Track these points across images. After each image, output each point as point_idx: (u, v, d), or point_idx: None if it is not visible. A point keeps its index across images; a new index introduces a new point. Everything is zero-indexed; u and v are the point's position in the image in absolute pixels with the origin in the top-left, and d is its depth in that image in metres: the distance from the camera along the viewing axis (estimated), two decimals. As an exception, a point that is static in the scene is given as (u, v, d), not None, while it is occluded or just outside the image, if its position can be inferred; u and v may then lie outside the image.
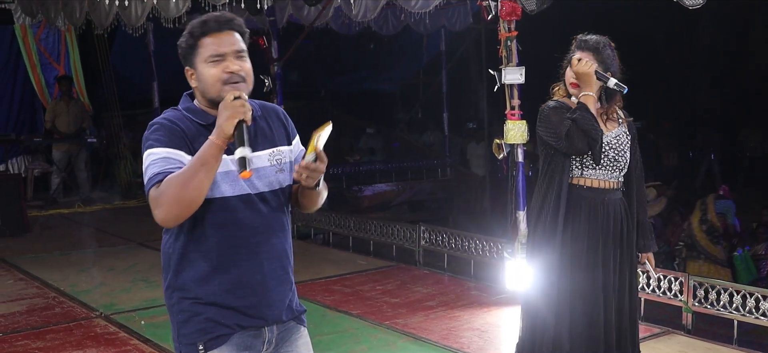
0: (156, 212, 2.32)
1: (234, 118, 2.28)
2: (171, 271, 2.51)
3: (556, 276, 3.76)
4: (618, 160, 3.77)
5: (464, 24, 12.10)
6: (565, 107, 3.78)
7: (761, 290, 5.45)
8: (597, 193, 3.75)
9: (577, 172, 3.75)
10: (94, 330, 5.82)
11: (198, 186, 2.29)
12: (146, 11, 7.92)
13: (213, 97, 2.43)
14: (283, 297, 2.56)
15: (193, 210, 2.33)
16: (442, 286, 6.93)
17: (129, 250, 8.60)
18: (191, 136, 2.42)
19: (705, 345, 5.35)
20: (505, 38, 6.38)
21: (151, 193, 2.33)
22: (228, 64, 2.41)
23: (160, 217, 2.32)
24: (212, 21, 2.43)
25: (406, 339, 5.52)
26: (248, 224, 2.45)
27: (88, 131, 12.00)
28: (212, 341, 2.45)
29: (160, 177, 2.32)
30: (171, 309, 2.54)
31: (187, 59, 2.47)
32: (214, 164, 2.32)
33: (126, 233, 9.50)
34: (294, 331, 2.60)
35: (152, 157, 2.37)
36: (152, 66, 11.52)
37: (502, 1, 6.30)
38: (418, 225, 7.86)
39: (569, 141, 3.66)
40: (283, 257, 2.56)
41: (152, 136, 2.41)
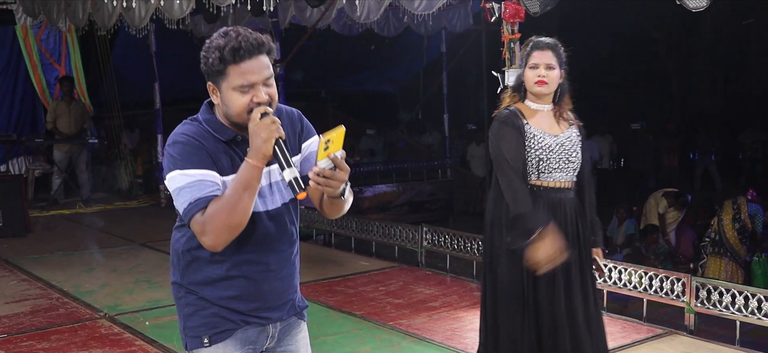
0: (204, 239, 2.34)
1: (271, 139, 2.29)
2: (180, 270, 2.56)
3: (519, 277, 3.76)
4: (571, 160, 3.81)
5: (465, 25, 12.14)
6: (515, 117, 3.78)
7: (764, 291, 5.47)
8: (554, 193, 3.79)
9: (534, 176, 3.78)
10: (98, 330, 5.83)
11: (244, 210, 2.32)
12: (150, 12, 7.95)
13: (236, 122, 2.42)
14: (287, 301, 2.62)
15: (239, 232, 2.36)
16: (444, 287, 6.95)
17: (131, 251, 8.61)
18: (214, 153, 2.41)
19: (707, 345, 5.37)
20: (508, 40, 6.42)
21: (195, 219, 2.33)
22: (257, 94, 2.36)
23: (209, 244, 2.35)
24: (244, 50, 2.33)
25: (411, 340, 5.54)
26: (260, 237, 2.48)
27: (89, 132, 12.00)
28: (217, 335, 2.51)
29: (202, 203, 2.33)
30: (178, 302, 2.60)
31: (211, 77, 2.41)
32: (257, 185, 2.35)
33: (128, 234, 9.52)
34: (294, 326, 2.67)
35: (186, 179, 2.35)
36: (154, 66, 11.55)
37: (506, 3, 6.34)
38: (420, 227, 7.88)
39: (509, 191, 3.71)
40: (291, 266, 2.61)
41: (179, 154, 2.38)
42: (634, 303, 6.70)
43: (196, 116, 2.51)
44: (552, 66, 3.79)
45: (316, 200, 2.62)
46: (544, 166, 3.76)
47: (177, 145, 2.41)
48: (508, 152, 3.74)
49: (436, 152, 15.44)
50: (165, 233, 9.66)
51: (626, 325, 5.77)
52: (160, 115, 11.74)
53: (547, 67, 3.79)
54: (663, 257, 9.78)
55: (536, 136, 3.77)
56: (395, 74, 16.11)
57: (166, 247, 8.79)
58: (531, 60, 3.81)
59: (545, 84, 3.79)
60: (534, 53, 3.81)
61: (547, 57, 3.79)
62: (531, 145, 3.76)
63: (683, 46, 18.04)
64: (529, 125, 3.78)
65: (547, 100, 3.85)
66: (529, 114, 3.82)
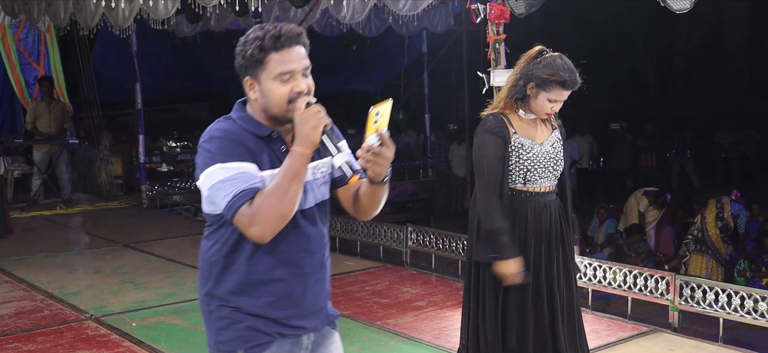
0: (252, 230, 2.29)
1: (319, 126, 2.30)
2: (212, 279, 2.49)
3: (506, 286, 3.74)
4: (556, 167, 3.81)
5: (446, 26, 12.19)
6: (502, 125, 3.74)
7: (746, 289, 5.57)
8: (539, 197, 3.79)
9: (520, 183, 3.77)
10: (85, 332, 5.80)
11: (293, 198, 2.31)
12: (134, 12, 7.91)
13: (275, 115, 2.40)
14: (322, 307, 2.58)
15: (286, 222, 2.34)
16: (430, 286, 6.98)
17: (114, 252, 8.57)
18: (254, 150, 2.39)
19: (691, 342, 5.45)
20: (493, 41, 6.46)
21: (241, 211, 2.29)
22: (297, 84, 2.37)
23: (257, 234, 2.30)
24: (284, 37, 2.36)
25: (399, 339, 5.57)
26: (294, 239, 2.44)
27: (69, 132, 11.92)
28: (253, 348, 2.45)
29: (248, 194, 2.29)
30: (208, 315, 2.52)
31: (250, 70, 2.39)
32: (304, 174, 2.33)
33: (110, 235, 9.46)
34: (328, 336, 2.63)
35: (228, 172, 2.32)
36: (135, 67, 11.48)
37: (491, 4, 6.38)
38: (405, 226, 7.91)
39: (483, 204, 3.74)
40: (324, 269, 2.57)
41: (217, 148, 2.35)
42: (616, 301, 6.79)
43: (228, 115, 2.49)
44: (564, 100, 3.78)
45: (349, 201, 2.60)
46: (531, 175, 3.76)
47: (214, 139, 2.37)
48: (489, 163, 3.72)
49: (415, 152, 15.49)
50: (148, 234, 9.65)
51: (611, 323, 5.83)
52: (142, 115, 11.68)
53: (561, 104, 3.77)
54: (644, 255, 9.90)
55: (524, 146, 3.74)
56: (376, 74, 16.13)
57: (150, 248, 8.79)
58: (554, 94, 3.70)
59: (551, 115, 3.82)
60: (559, 91, 3.71)
61: (566, 96, 3.75)
62: (519, 155, 3.73)
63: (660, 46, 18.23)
64: (517, 135, 3.75)
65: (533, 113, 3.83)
66: (517, 123, 3.78)
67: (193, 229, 9.88)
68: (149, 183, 11.93)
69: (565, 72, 3.68)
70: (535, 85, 3.70)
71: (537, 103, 3.73)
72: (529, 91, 3.72)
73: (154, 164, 13.26)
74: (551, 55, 3.76)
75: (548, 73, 3.69)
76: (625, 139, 15.49)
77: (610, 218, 11.14)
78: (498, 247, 3.65)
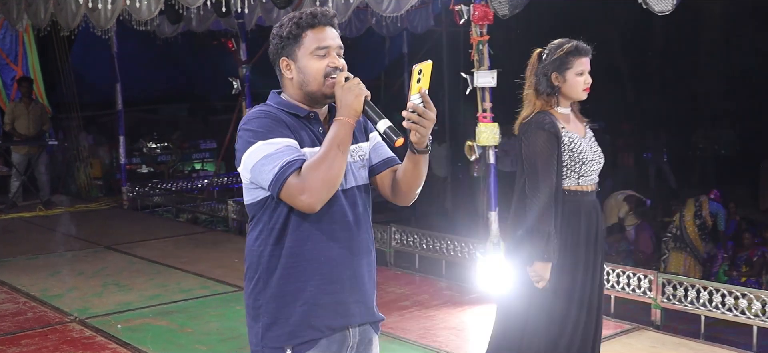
0: (303, 197, 2.31)
1: (361, 95, 2.34)
2: (262, 268, 2.47)
3: (553, 283, 3.68)
4: (600, 161, 3.79)
5: (426, 26, 12.25)
6: (553, 121, 3.68)
7: (727, 286, 5.66)
8: (589, 197, 3.75)
9: (575, 181, 3.69)
10: (69, 334, 5.78)
11: (340, 165, 2.34)
12: (116, 13, 7.87)
13: (312, 91, 2.45)
14: (369, 295, 2.57)
15: (335, 190, 2.37)
16: (414, 286, 7.02)
17: (96, 254, 8.52)
18: (294, 128, 2.43)
19: (674, 340, 5.53)
20: (477, 42, 6.51)
21: (290, 181, 2.31)
22: (333, 59, 2.43)
23: (307, 203, 2.32)
24: (320, 14, 2.44)
25: (384, 339, 5.57)
26: (339, 218, 2.45)
27: (48, 133, 11.83)
28: (301, 345, 2.44)
29: (296, 164, 2.33)
30: (256, 310, 2.49)
31: (286, 50, 2.46)
32: (348, 143, 2.36)
33: (91, 236, 9.41)
34: (370, 338, 2.61)
35: (271, 147, 2.35)
36: (115, 67, 11.42)
37: (475, 6, 6.43)
38: (389, 226, 7.94)
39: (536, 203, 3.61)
40: (370, 253, 2.57)
41: (259, 127, 2.40)
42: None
43: (265, 102, 2.54)
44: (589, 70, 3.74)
45: (388, 186, 2.59)
46: (585, 169, 3.69)
47: (254, 120, 2.42)
48: (544, 162, 3.62)
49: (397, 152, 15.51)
50: (129, 236, 9.59)
51: (595, 321, 5.89)
52: (122, 116, 11.62)
53: (589, 73, 3.73)
54: (625, 254, 10.01)
55: (574, 141, 3.68)
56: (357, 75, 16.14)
57: (132, 250, 8.75)
58: (577, 66, 3.68)
59: (589, 90, 3.73)
60: (581, 59, 3.70)
61: (588, 62, 3.72)
62: (572, 150, 3.66)
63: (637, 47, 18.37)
64: (566, 129, 3.69)
65: (569, 103, 3.78)
66: (562, 119, 3.73)
67: (175, 231, 9.86)
68: (130, 185, 11.87)
69: (571, 42, 3.71)
70: (558, 72, 3.69)
71: (569, 85, 3.69)
72: (555, 81, 3.70)
73: (134, 165, 13.20)
74: (550, 45, 3.79)
75: (559, 52, 3.69)
76: (604, 139, 15.59)
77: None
78: (547, 250, 3.59)
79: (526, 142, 3.70)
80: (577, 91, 3.71)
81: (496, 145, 6.55)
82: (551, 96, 3.72)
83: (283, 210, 2.41)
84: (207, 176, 13.32)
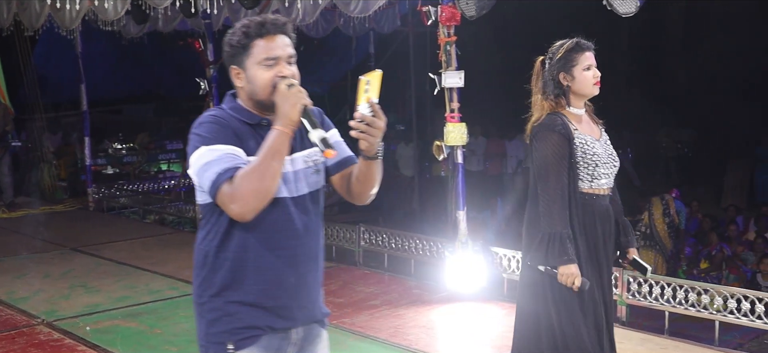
0: (232, 207, 2.33)
1: (298, 104, 2.34)
2: (207, 268, 2.50)
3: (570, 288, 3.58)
4: (615, 163, 3.72)
5: (392, 27, 12.28)
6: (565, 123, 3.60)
7: (689, 282, 5.78)
8: (603, 200, 3.67)
9: (587, 184, 3.61)
10: (37, 337, 5.74)
11: (273, 176, 2.34)
12: (82, 13, 7.80)
13: (262, 100, 2.45)
14: (314, 299, 2.60)
15: (268, 201, 2.37)
16: (383, 286, 7.05)
17: (62, 256, 8.45)
18: (242, 135, 2.44)
19: (639, 335, 5.63)
20: (444, 43, 6.57)
21: (223, 189, 2.33)
22: (281, 68, 2.43)
23: (237, 212, 2.34)
24: (269, 23, 2.43)
25: (356, 338, 5.63)
26: (286, 226, 2.47)
27: (11, 134, 11.68)
28: (242, 341, 2.47)
29: (231, 172, 2.34)
30: (201, 307, 2.53)
31: (235, 58, 2.47)
32: (284, 153, 2.37)
33: (57, 238, 9.32)
34: (317, 334, 2.64)
35: (213, 153, 2.38)
36: (80, 67, 11.30)
37: (442, 7, 6.48)
38: (358, 226, 7.97)
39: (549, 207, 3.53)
40: (317, 259, 2.59)
41: (206, 132, 2.42)
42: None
43: (220, 105, 2.56)
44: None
45: (344, 187, 2.61)
46: (598, 172, 3.60)
47: (203, 125, 2.44)
48: (555, 164, 3.54)
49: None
50: (96, 237, 9.50)
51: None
52: (87, 116, 11.50)
53: (596, 67, 3.64)
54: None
55: (588, 142, 3.60)
56: (323, 75, 16.14)
57: (100, 252, 8.67)
58: (582, 61, 3.61)
59: (599, 84, 3.65)
60: (585, 54, 3.63)
61: (593, 57, 3.64)
62: (584, 152, 3.58)
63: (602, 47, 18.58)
64: (578, 131, 3.61)
65: (583, 104, 3.70)
66: (574, 119, 3.64)
67: (142, 232, 9.80)
68: (96, 186, 11.76)
69: (571, 40, 3.65)
70: (564, 72, 3.62)
71: (578, 81, 3.62)
72: (564, 81, 3.63)
73: (99, 166, 13.07)
74: (551, 49, 3.72)
75: (562, 52, 3.64)
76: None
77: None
78: (566, 252, 3.49)
79: (536, 144, 3.61)
80: (588, 86, 3.63)
81: (464, 144, 6.61)
82: (560, 97, 3.64)
83: (228, 216, 2.42)
84: (174, 177, 13.24)
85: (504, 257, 6.65)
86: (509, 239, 8.97)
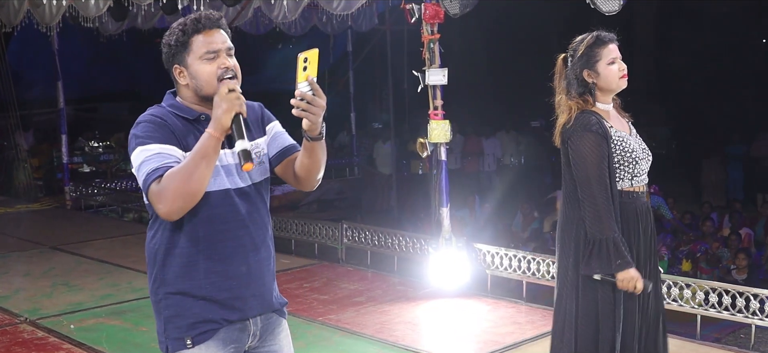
0: (159, 206, 2.35)
1: (231, 111, 2.35)
2: (157, 266, 2.53)
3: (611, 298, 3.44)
4: (649, 159, 3.57)
5: (370, 25, 12.30)
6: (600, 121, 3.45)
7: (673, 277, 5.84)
8: (642, 197, 3.54)
9: (628, 182, 3.48)
10: (21, 336, 5.69)
11: (200, 178, 2.35)
12: (62, 10, 7.73)
13: (207, 94, 2.46)
14: (267, 288, 2.62)
15: (195, 202, 2.38)
16: (367, 282, 7.08)
17: (42, 254, 8.37)
18: (179, 133, 2.46)
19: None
20: (428, 41, 6.61)
21: (151, 188, 2.35)
22: (223, 61, 2.46)
23: (163, 211, 2.36)
24: (204, 19, 2.47)
25: (342, 334, 5.65)
26: (232, 217, 2.50)
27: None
28: (200, 335, 2.49)
29: (159, 172, 2.36)
30: (157, 304, 2.56)
31: (177, 57, 2.49)
32: (214, 156, 2.38)
33: (35, 237, 9.24)
34: (276, 324, 2.67)
35: (146, 153, 2.40)
36: (57, 65, 11.19)
37: (426, 5, 6.52)
38: (340, 224, 7.99)
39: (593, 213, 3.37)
40: (266, 248, 2.61)
41: (141, 132, 2.44)
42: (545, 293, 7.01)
43: (159, 104, 2.57)
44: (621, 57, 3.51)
45: (290, 174, 2.64)
46: (638, 169, 3.47)
47: (140, 124, 2.46)
48: (597, 166, 3.38)
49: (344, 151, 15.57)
50: (75, 235, 9.42)
51: (546, 313, 6.04)
52: (64, 114, 11.40)
53: (622, 59, 3.50)
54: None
55: (623, 139, 3.47)
56: (303, 70, 16.14)
57: (79, 250, 8.60)
58: (606, 55, 3.46)
59: (626, 76, 3.51)
60: (607, 47, 3.48)
61: (616, 49, 3.50)
62: (623, 149, 3.45)
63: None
64: (614, 128, 3.48)
65: (610, 99, 3.55)
66: (605, 116, 3.49)
67: (121, 230, 9.75)
68: (73, 185, 11.66)
69: (591, 34, 3.52)
70: (588, 68, 3.48)
71: (603, 77, 3.47)
72: (588, 78, 3.49)
73: (75, 164, 12.96)
74: (571, 45, 3.58)
75: (584, 47, 3.50)
76: (544, 136, 15.88)
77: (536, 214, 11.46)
78: (620, 256, 3.33)
79: (572, 146, 3.42)
80: (614, 80, 3.48)
81: (447, 141, 6.66)
82: (585, 94, 3.49)
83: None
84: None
85: (487, 253, 6.70)
86: (487, 237, 9.05)
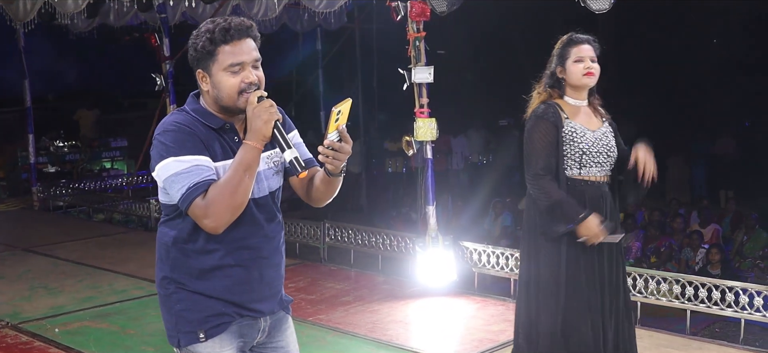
0: (206, 221, 2.37)
1: (271, 121, 2.35)
2: (168, 264, 2.54)
3: (563, 275, 3.73)
4: (609, 154, 3.80)
5: (339, 23, 12.23)
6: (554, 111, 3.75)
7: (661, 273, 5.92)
8: (595, 187, 3.77)
9: (576, 170, 3.74)
10: (4, 340, 5.55)
11: (245, 191, 2.38)
12: (37, 6, 7.55)
13: (227, 105, 2.46)
14: (277, 292, 2.66)
15: (239, 213, 2.40)
16: (351, 282, 7.04)
17: (15, 257, 8.18)
18: (205, 140, 2.44)
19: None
20: (413, 38, 6.59)
21: (196, 203, 2.36)
22: (247, 74, 2.43)
23: (211, 226, 2.38)
24: (234, 29, 2.42)
25: (335, 334, 5.61)
26: (248, 227, 2.51)
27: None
28: (213, 329, 2.52)
29: (202, 186, 2.36)
30: (167, 298, 2.56)
31: (201, 63, 2.46)
32: (255, 167, 2.40)
33: (6, 239, 9.05)
34: (283, 321, 2.72)
35: (182, 165, 2.38)
36: (23, 63, 10.94)
37: (412, 3, 6.50)
38: (322, 223, 7.94)
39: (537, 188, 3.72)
40: (279, 254, 2.65)
41: (171, 142, 2.41)
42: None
43: (182, 107, 2.55)
44: (594, 58, 3.78)
45: (303, 189, 2.67)
46: (586, 159, 3.73)
47: (168, 132, 2.43)
48: (540, 149, 3.71)
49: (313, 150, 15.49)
50: (47, 237, 9.25)
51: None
52: (31, 113, 11.14)
53: (591, 59, 3.77)
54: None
55: (577, 131, 3.73)
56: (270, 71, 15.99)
57: (53, 252, 8.45)
58: (574, 54, 3.76)
59: (593, 74, 3.76)
60: (578, 47, 3.77)
61: (590, 50, 3.78)
62: (573, 139, 3.72)
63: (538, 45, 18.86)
64: (569, 119, 3.76)
65: (583, 96, 3.83)
66: (568, 109, 3.79)
67: (93, 231, 9.57)
68: (40, 185, 11.41)
69: (568, 34, 3.83)
70: (560, 65, 3.80)
71: (569, 73, 3.78)
72: (560, 74, 3.81)
73: (40, 165, 12.68)
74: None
75: (559, 46, 3.83)
76: (513, 134, 15.97)
77: (506, 211, 11.53)
78: (571, 213, 3.63)
79: (526, 131, 3.78)
80: (577, 77, 3.76)
81: (433, 140, 6.65)
82: (554, 88, 3.82)
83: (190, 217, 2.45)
84: (118, 175, 12.94)
85: (474, 251, 6.71)
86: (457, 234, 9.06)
